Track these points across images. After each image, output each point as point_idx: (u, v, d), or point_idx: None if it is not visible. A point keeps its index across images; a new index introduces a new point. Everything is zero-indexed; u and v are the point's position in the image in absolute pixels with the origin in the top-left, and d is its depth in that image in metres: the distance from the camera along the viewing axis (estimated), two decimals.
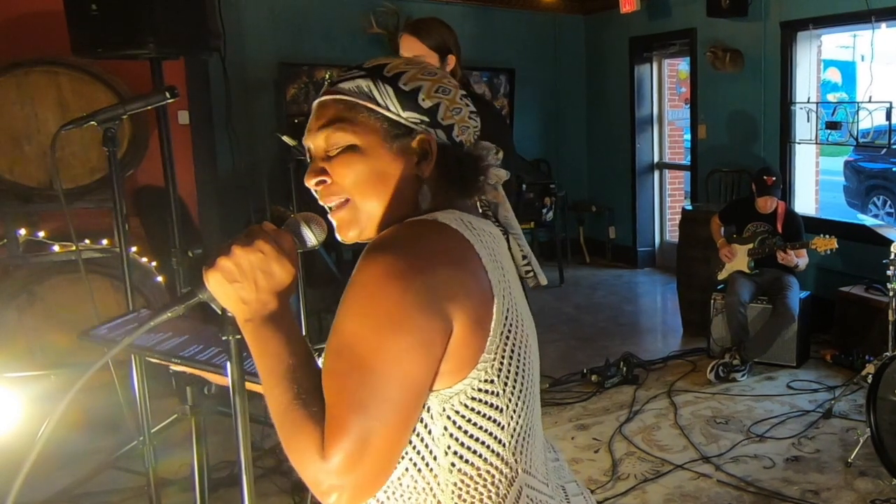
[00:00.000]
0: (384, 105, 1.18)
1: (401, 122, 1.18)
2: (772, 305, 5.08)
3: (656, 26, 7.48)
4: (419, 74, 1.21)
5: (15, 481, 1.05)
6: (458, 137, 1.22)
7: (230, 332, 1.16)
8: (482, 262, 1.13)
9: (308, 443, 1.02)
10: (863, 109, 5.74)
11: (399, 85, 1.19)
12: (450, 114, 1.21)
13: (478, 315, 1.10)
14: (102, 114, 2.51)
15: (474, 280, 1.11)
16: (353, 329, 1.04)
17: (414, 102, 1.18)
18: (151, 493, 2.93)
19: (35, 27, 4.52)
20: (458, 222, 1.14)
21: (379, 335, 1.03)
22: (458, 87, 1.24)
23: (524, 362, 1.17)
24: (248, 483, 1.22)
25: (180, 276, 3.56)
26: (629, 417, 4.42)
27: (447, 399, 1.10)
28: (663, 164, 8.12)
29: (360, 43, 6.95)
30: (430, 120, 1.19)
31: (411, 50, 2.88)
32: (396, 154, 1.18)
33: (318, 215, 1.22)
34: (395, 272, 1.04)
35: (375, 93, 1.19)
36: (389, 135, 1.18)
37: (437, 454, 1.11)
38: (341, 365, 1.04)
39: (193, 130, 5.25)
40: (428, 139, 1.18)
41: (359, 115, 1.18)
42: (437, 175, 1.20)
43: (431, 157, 1.19)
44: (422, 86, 1.19)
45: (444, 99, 1.21)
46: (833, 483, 3.62)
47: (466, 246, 1.13)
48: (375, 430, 1.02)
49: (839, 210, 9.82)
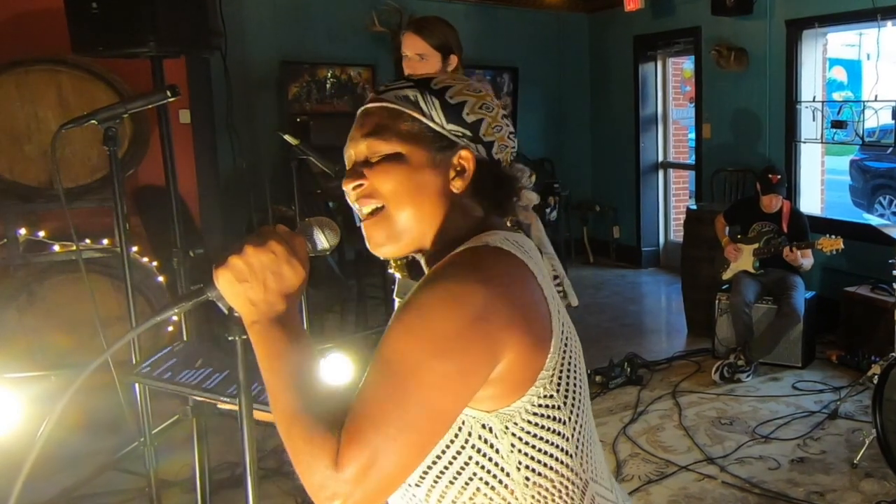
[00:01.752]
0: (430, 116, 1.19)
1: (444, 134, 1.20)
2: (777, 306, 5.06)
3: (661, 25, 7.45)
4: (465, 90, 1.23)
5: (16, 482, 1.05)
6: (497, 155, 1.23)
7: (236, 332, 1.15)
8: (538, 281, 1.15)
9: (320, 449, 1.00)
10: (868, 108, 5.73)
11: (446, 97, 1.20)
12: (491, 130, 1.22)
13: (536, 338, 1.11)
14: (103, 113, 2.50)
15: (533, 303, 1.12)
16: (400, 347, 1.05)
17: (458, 116, 1.20)
18: (152, 494, 2.93)
19: (35, 25, 4.51)
20: (508, 244, 1.15)
21: (423, 357, 1.03)
22: (500, 107, 1.26)
23: (579, 373, 1.18)
24: (252, 485, 1.21)
25: (181, 276, 3.55)
26: (633, 418, 4.40)
27: (509, 418, 1.11)
28: (668, 164, 8.09)
29: (362, 41, 6.94)
30: (473, 135, 1.21)
31: (414, 48, 2.87)
32: (437, 166, 1.19)
33: (328, 218, 1.21)
34: (454, 299, 1.05)
35: (422, 103, 1.20)
36: (433, 146, 1.19)
37: (509, 470, 1.12)
38: (378, 379, 1.04)
39: (194, 129, 5.24)
40: (468, 155, 1.20)
41: (403, 123, 1.19)
42: (472, 191, 1.21)
43: (468, 173, 1.20)
44: (467, 100, 1.21)
45: (488, 115, 1.22)
46: (839, 484, 3.61)
47: (524, 269, 1.14)
48: (393, 449, 1.01)
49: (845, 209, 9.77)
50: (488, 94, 1.25)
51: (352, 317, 5.73)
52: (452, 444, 1.11)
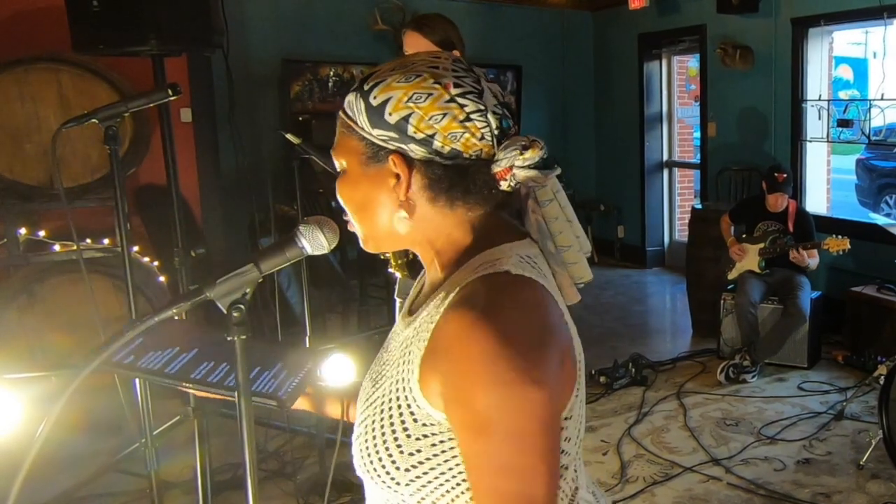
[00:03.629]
0: (359, 123, 1.07)
1: (373, 140, 1.06)
2: (782, 306, 5.05)
3: (665, 22, 7.43)
4: (395, 82, 1.05)
5: (15, 482, 1.05)
6: (447, 147, 1.04)
7: (235, 332, 1.14)
8: (557, 303, 1.07)
9: None
10: (875, 107, 5.71)
11: (370, 99, 1.05)
12: (426, 123, 1.03)
13: (570, 373, 1.06)
14: (104, 111, 2.51)
15: (560, 329, 1.05)
16: (486, 402, 0.96)
17: (381, 118, 1.04)
18: (154, 495, 2.94)
19: (36, 24, 4.50)
20: (524, 265, 1.06)
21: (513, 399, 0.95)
22: (446, 88, 1.04)
23: (583, 388, 1.14)
24: (252, 486, 1.20)
25: (183, 275, 3.54)
26: (638, 419, 4.38)
27: None
28: (673, 163, 8.07)
29: (365, 39, 6.93)
30: (400, 136, 1.04)
31: (415, 46, 2.85)
32: (373, 178, 1.07)
33: (328, 218, 1.19)
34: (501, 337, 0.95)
35: (353, 108, 1.07)
36: (363, 156, 1.07)
37: None
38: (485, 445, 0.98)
39: (196, 128, 5.23)
40: (397, 159, 1.05)
41: (346, 134, 1.09)
42: (432, 194, 1.07)
43: (402, 180, 1.05)
44: (391, 97, 1.04)
45: (418, 108, 1.03)
46: (845, 486, 3.59)
47: (545, 294, 1.05)
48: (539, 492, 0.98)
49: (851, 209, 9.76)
50: (431, 76, 1.05)
51: (354, 317, 5.72)
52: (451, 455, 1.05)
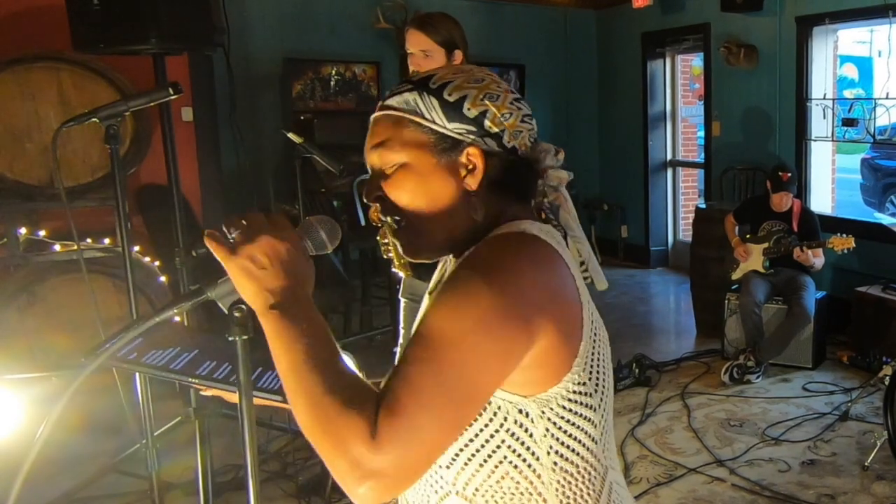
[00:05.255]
0: (430, 118, 1.17)
1: (448, 134, 1.17)
2: (787, 306, 5.03)
3: (669, 21, 7.41)
4: (465, 83, 1.19)
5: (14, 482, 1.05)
6: (510, 143, 1.20)
7: (237, 332, 1.14)
8: (569, 269, 1.16)
9: (356, 423, 0.97)
10: (880, 106, 5.69)
11: (444, 96, 1.18)
12: (499, 120, 1.19)
13: (569, 323, 1.13)
14: (104, 110, 2.51)
15: (564, 289, 1.14)
16: (440, 325, 1.05)
17: (459, 112, 1.17)
18: (154, 496, 2.95)
19: (36, 22, 4.50)
20: (545, 234, 1.16)
21: (463, 337, 1.03)
22: (508, 91, 1.22)
23: (606, 362, 1.21)
24: (253, 487, 1.21)
25: (183, 275, 3.54)
26: (641, 420, 4.37)
27: (545, 403, 1.13)
28: (676, 162, 8.05)
29: (367, 38, 6.92)
30: (478, 129, 1.18)
31: (417, 45, 2.84)
32: (445, 169, 1.17)
33: (329, 217, 1.20)
34: (489, 281, 1.06)
35: (421, 106, 1.18)
36: (437, 149, 1.17)
37: (539, 455, 1.14)
38: (419, 353, 1.04)
39: (197, 127, 5.23)
40: (475, 151, 1.17)
41: (406, 130, 1.17)
42: (491, 185, 1.19)
43: (478, 170, 1.17)
44: (467, 94, 1.18)
45: (492, 105, 1.19)
46: (850, 487, 3.57)
47: (555, 255, 1.15)
48: (434, 425, 1.01)
49: (856, 209, 9.73)
50: (493, 81, 1.21)
51: (356, 317, 5.70)
52: (487, 428, 1.12)
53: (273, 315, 1.06)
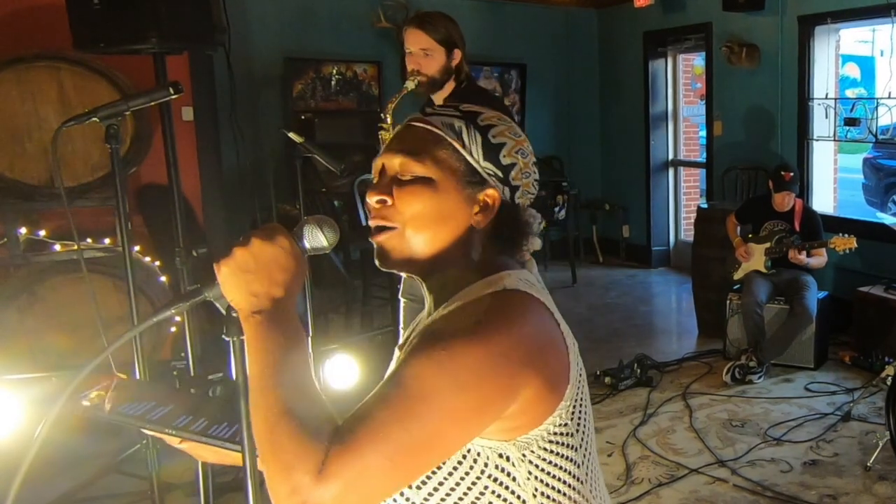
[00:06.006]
0: (469, 149, 1.23)
1: (478, 169, 1.23)
2: (789, 306, 5.02)
3: (671, 20, 7.40)
4: (507, 132, 1.26)
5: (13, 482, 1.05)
6: (519, 200, 1.27)
7: (234, 332, 1.14)
8: (556, 319, 1.19)
9: (305, 451, 0.97)
10: (882, 105, 5.69)
11: (488, 136, 1.24)
12: (520, 176, 1.26)
13: (556, 372, 1.16)
14: (105, 110, 2.48)
15: (552, 340, 1.17)
16: (418, 373, 1.05)
17: (496, 156, 1.24)
18: (155, 497, 2.92)
19: (36, 21, 4.48)
20: (524, 283, 1.19)
21: (437, 392, 1.04)
22: (532, 154, 1.30)
23: (587, 400, 1.23)
24: (253, 488, 1.20)
25: (184, 275, 3.52)
26: (643, 420, 4.36)
27: (525, 446, 1.14)
28: (678, 162, 8.04)
29: (367, 37, 6.91)
30: (503, 177, 1.24)
31: (417, 43, 2.83)
32: (464, 199, 1.22)
33: (328, 217, 1.21)
34: (479, 336, 1.08)
35: (465, 135, 1.23)
36: (464, 179, 1.22)
37: (525, 498, 1.15)
38: (389, 395, 1.04)
39: (197, 127, 5.21)
40: (495, 194, 1.24)
41: (442, 150, 1.22)
42: (490, 230, 1.25)
43: (491, 212, 1.24)
44: (506, 143, 1.25)
45: (521, 161, 1.26)
46: (852, 487, 3.57)
47: (542, 309, 1.18)
48: (384, 471, 1.00)
49: (858, 208, 9.70)
50: (526, 140, 1.30)
51: (357, 317, 5.70)
52: (467, 476, 1.13)
53: (254, 321, 1.07)
